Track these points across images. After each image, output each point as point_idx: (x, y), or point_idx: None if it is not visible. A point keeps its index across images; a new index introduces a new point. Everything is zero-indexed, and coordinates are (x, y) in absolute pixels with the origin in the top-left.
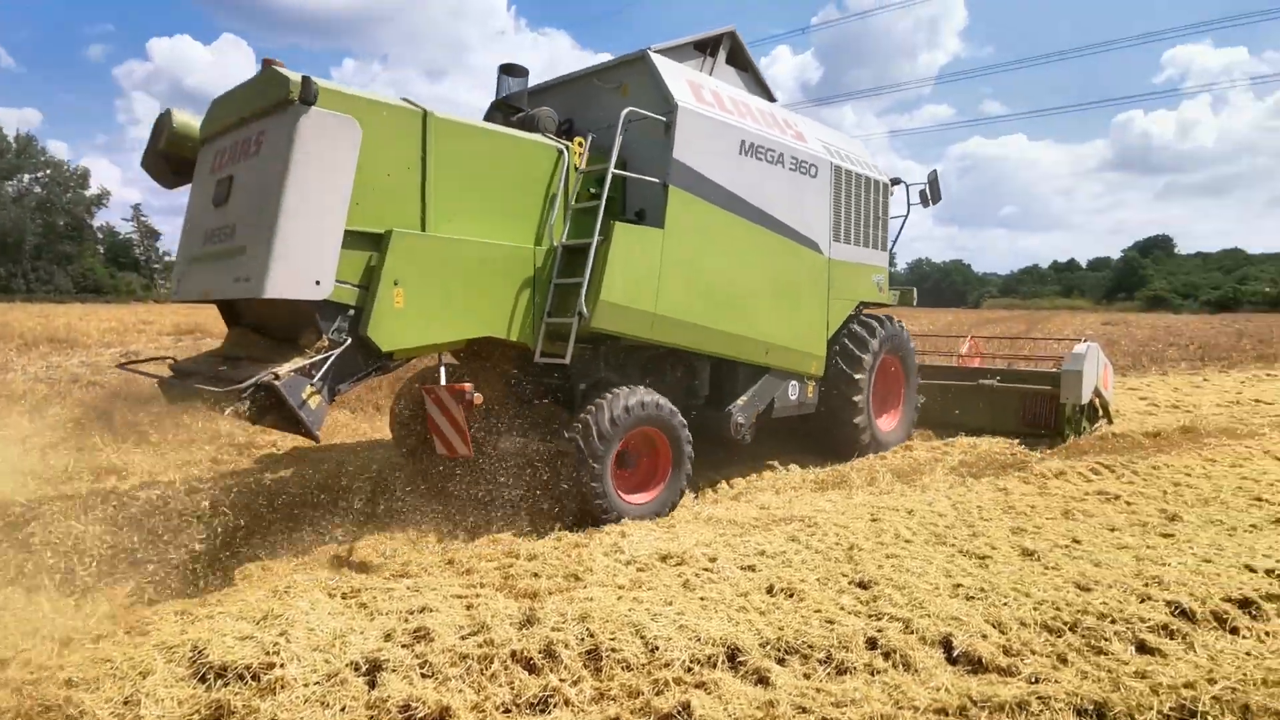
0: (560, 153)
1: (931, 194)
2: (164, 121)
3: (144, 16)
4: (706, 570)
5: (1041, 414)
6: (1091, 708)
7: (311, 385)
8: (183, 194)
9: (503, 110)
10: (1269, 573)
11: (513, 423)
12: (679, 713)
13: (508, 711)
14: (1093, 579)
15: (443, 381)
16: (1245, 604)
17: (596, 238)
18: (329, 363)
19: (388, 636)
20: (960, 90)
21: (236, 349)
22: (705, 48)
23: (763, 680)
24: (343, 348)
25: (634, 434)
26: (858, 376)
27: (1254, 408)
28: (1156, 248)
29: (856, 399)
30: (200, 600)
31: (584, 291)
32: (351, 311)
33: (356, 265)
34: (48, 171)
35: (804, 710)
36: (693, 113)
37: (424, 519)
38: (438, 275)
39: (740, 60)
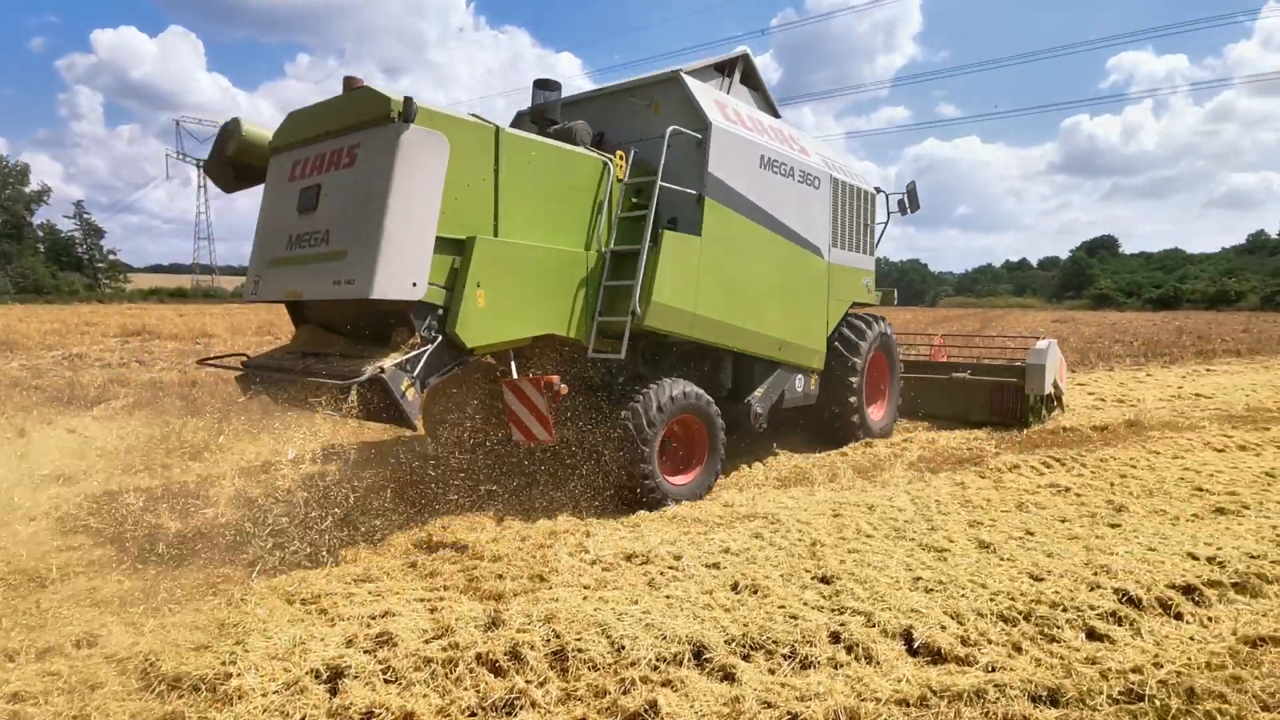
0: (605, 165)
1: (910, 203)
2: (233, 129)
3: (88, 7)
4: (672, 569)
5: (1008, 403)
6: (1045, 694)
7: (409, 379)
8: (123, 191)
9: (537, 122)
10: (1211, 560)
11: (558, 414)
12: (646, 711)
13: (473, 715)
14: (1045, 569)
15: (514, 375)
16: (1189, 590)
17: (646, 244)
18: (425, 358)
19: (349, 642)
20: (916, 93)
21: (313, 346)
22: (724, 69)
23: (728, 677)
24: (436, 344)
25: (676, 421)
26: (853, 371)
27: (1194, 401)
28: (1102, 248)
29: (852, 391)
30: (152, 610)
31: (636, 293)
32: (441, 311)
33: (442, 268)
34: None
35: (769, 705)
36: (723, 131)
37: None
38: (511, 278)
39: (752, 80)
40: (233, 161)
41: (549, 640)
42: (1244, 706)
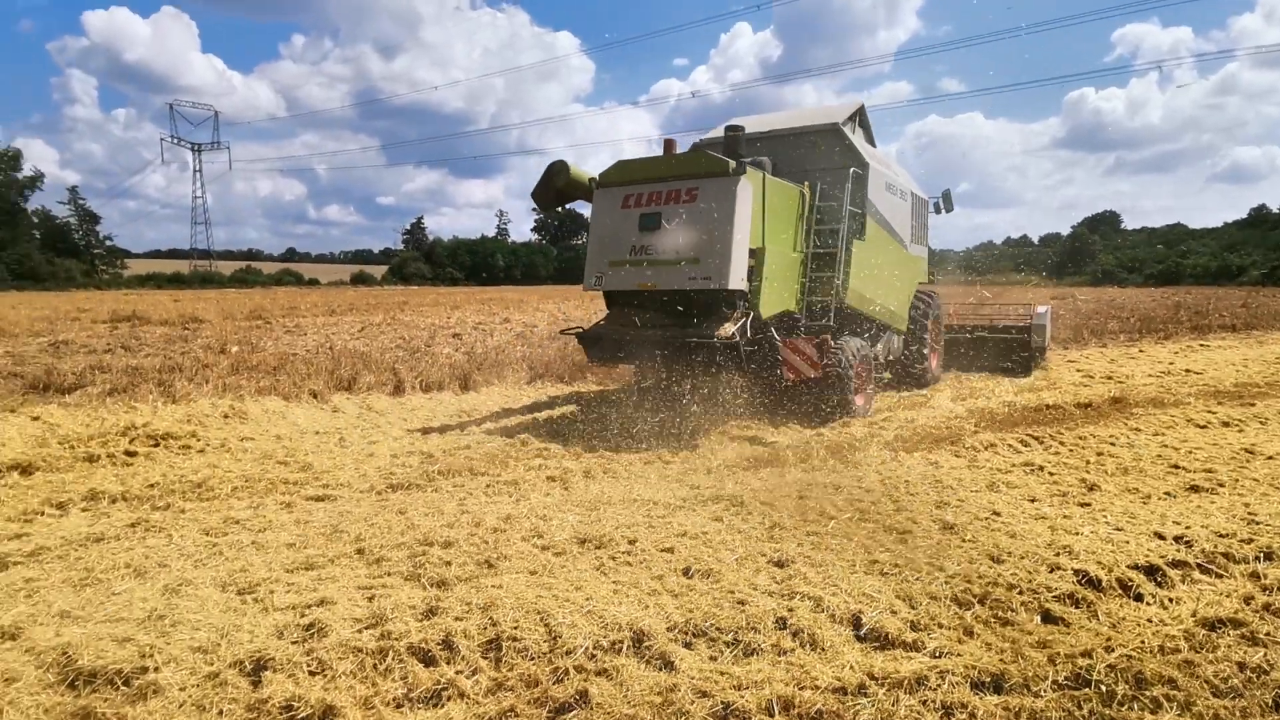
0: (803, 193)
1: (945, 205)
2: (560, 169)
3: None
4: (625, 553)
5: (1017, 353)
6: (989, 680)
7: (739, 338)
8: (120, 176)
9: (729, 155)
10: (1178, 539)
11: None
12: (576, 701)
13: (399, 707)
14: (1006, 550)
15: (777, 338)
16: (1151, 571)
17: (842, 248)
18: (747, 325)
19: (279, 633)
20: (918, 68)
21: (637, 320)
22: (853, 117)
23: (667, 665)
24: (749, 317)
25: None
26: (925, 334)
27: (1184, 377)
28: (1104, 223)
29: (925, 349)
30: (84, 602)
31: (839, 281)
32: (748, 296)
33: (748, 268)
34: None
35: (705, 694)
36: (875, 169)
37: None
38: (777, 272)
39: (864, 122)
40: (559, 191)
41: (484, 629)
42: (1194, 692)
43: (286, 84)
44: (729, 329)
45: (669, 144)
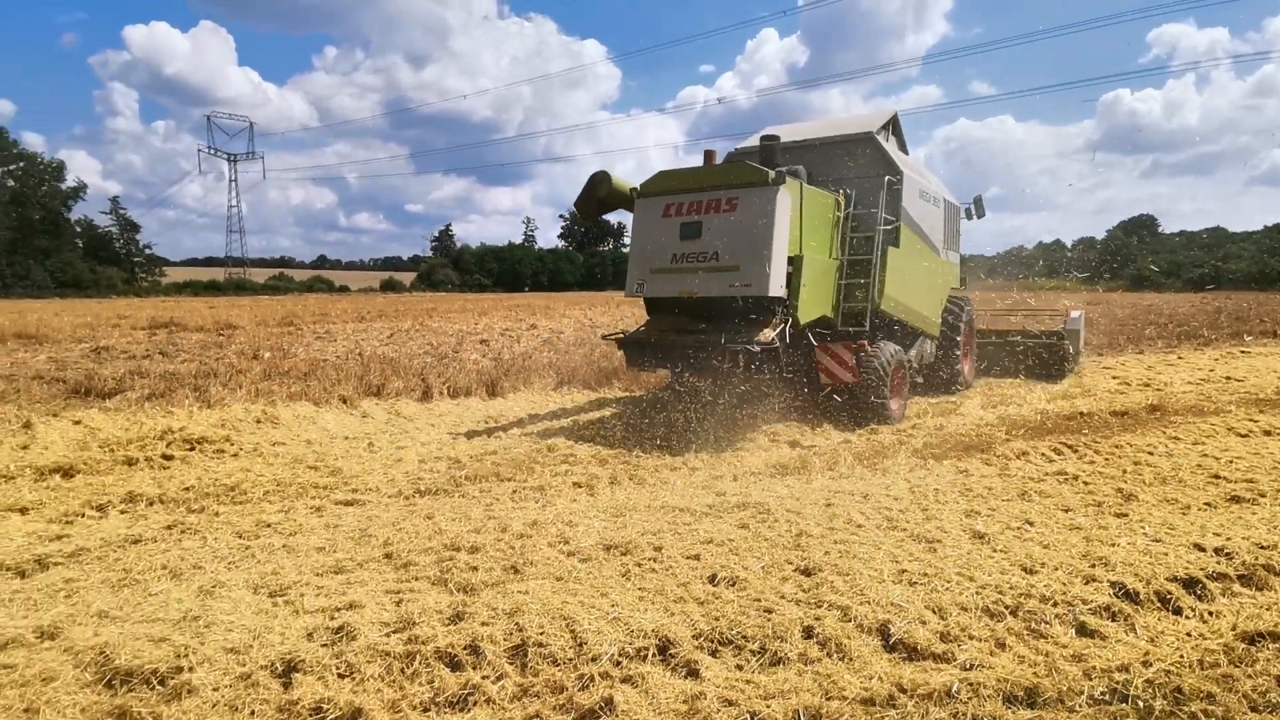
0: (838, 201)
1: (976, 211)
2: (602, 178)
3: (117, 3)
4: (651, 560)
5: (1051, 358)
6: (1022, 694)
7: (778, 344)
8: (160, 186)
9: (766, 165)
10: (1218, 551)
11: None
12: (602, 708)
13: (426, 711)
14: (1039, 561)
15: (815, 344)
16: (1190, 584)
17: (877, 255)
18: (786, 331)
19: (309, 635)
20: (947, 72)
21: (677, 326)
22: (886, 126)
23: (693, 673)
24: (789, 322)
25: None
26: (958, 339)
27: (1224, 385)
28: (1141, 227)
29: (958, 354)
30: (121, 602)
31: (874, 287)
32: (787, 302)
33: (786, 275)
34: (21, 164)
35: (731, 703)
36: (909, 177)
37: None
38: (813, 279)
39: (897, 131)
40: (601, 201)
41: (511, 634)
42: (1232, 707)
43: (319, 95)
44: (769, 335)
45: (709, 155)
